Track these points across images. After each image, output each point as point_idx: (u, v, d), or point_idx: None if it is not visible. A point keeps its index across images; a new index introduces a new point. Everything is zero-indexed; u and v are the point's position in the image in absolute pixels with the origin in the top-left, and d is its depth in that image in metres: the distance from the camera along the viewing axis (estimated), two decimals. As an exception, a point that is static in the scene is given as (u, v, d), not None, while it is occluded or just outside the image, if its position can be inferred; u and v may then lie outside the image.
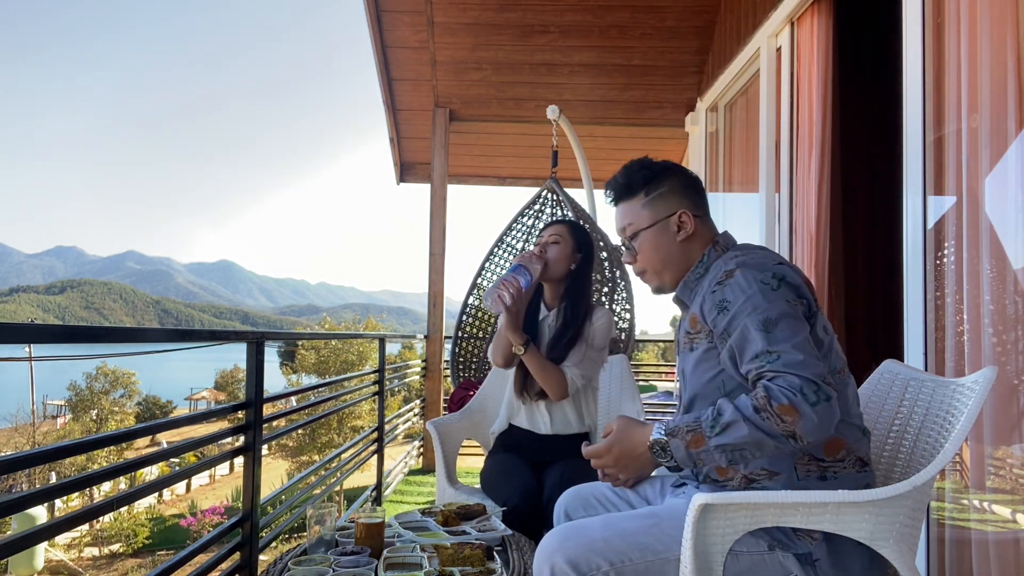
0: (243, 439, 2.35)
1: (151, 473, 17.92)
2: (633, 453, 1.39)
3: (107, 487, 15.81)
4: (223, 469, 23.71)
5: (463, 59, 5.45)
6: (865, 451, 1.40)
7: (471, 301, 4.98)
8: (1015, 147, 1.94)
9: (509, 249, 4.88)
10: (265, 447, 4.34)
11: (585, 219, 4.57)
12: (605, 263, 4.60)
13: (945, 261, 2.23)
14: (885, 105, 3.03)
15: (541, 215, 4.79)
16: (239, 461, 3.04)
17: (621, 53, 5.31)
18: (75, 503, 14.67)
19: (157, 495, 19.60)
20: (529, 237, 4.85)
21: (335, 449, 6.11)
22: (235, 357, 41.96)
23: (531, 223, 4.83)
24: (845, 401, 1.36)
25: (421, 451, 6.19)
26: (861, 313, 4.04)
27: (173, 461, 17.80)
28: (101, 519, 15.03)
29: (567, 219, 2.48)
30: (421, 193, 6.56)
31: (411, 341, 15.06)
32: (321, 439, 18.63)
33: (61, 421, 29.88)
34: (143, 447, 25.79)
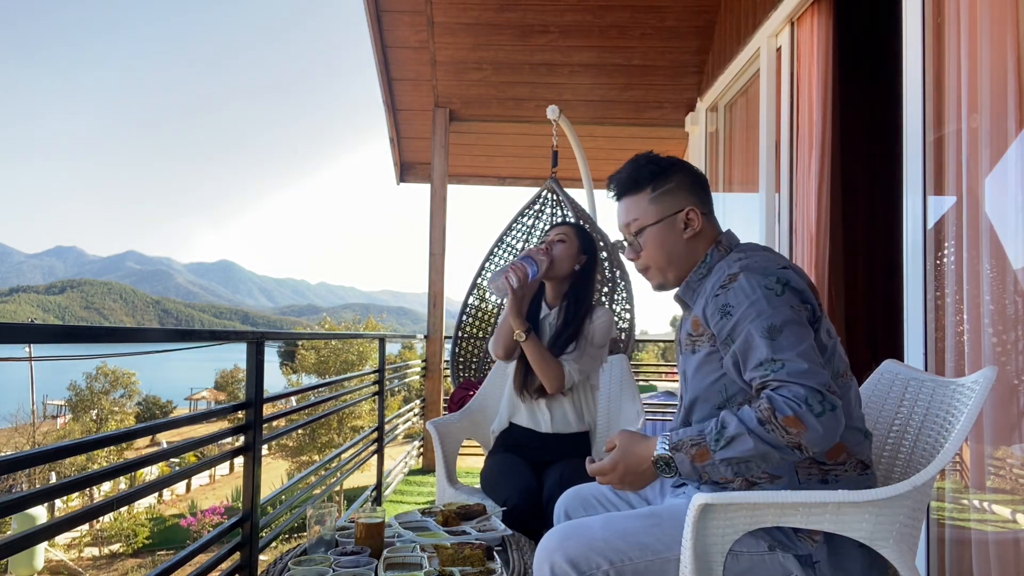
0: (243, 439, 2.35)
1: (151, 473, 17.92)
2: (638, 469, 1.36)
3: (107, 487, 15.82)
4: (223, 469, 23.71)
5: (463, 59, 5.46)
6: (866, 454, 1.39)
7: (471, 301, 4.98)
8: (1015, 147, 1.94)
9: (509, 249, 4.88)
10: (265, 447, 4.34)
11: (585, 219, 4.57)
12: (605, 263, 4.60)
13: (945, 261, 2.23)
14: (885, 105, 3.03)
15: (541, 215, 4.79)
16: (239, 461, 3.04)
17: (621, 53, 5.31)
18: (75, 503, 14.67)
19: (157, 495, 19.60)
20: (529, 237, 4.85)
21: (335, 449, 6.11)
22: (235, 357, 41.96)
23: (531, 223, 4.83)
24: (848, 404, 1.35)
25: (421, 451, 6.19)
26: (861, 313, 4.03)
27: (173, 461, 17.80)
28: (101, 519, 15.03)
29: (573, 222, 2.53)
30: (421, 193, 6.57)
31: (411, 341, 15.06)
32: (321, 439, 18.63)
33: (61, 421, 29.87)
34: (143, 447, 25.79)
